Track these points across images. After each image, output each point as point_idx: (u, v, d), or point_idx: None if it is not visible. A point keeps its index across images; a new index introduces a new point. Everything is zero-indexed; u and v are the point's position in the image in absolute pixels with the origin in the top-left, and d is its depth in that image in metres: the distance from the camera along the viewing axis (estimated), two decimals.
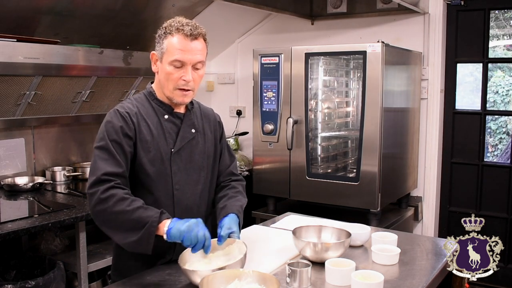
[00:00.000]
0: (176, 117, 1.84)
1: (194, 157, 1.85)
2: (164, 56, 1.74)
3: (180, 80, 1.73)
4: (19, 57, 2.59)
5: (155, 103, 1.82)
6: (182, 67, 1.73)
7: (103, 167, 1.64)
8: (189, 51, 1.73)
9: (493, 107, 3.89)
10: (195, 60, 1.75)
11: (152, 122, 1.78)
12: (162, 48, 1.75)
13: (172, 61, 1.72)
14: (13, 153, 3.17)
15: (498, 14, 3.69)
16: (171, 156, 1.79)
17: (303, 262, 1.60)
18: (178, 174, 1.80)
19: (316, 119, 3.38)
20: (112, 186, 1.62)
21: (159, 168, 1.76)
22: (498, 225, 3.60)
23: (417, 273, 1.71)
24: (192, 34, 1.74)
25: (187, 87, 1.75)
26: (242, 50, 4.40)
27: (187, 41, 1.73)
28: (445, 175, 3.77)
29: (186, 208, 1.81)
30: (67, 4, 2.89)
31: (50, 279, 2.51)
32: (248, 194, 3.59)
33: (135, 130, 1.73)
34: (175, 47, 1.72)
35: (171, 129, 1.81)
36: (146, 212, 1.60)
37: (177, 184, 1.79)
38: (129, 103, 1.81)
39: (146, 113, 1.79)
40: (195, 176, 1.85)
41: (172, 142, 1.80)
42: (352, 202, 3.10)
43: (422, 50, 3.64)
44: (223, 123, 2.11)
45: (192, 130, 1.86)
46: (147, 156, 1.74)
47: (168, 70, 1.74)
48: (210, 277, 1.46)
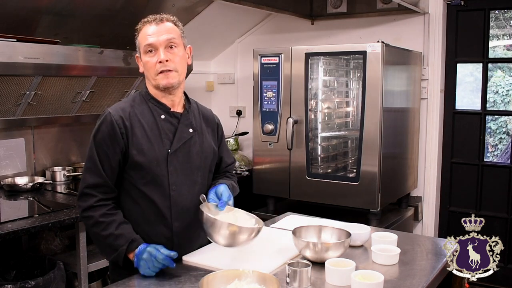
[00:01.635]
0: (173, 117, 1.83)
1: (192, 157, 1.84)
2: (140, 51, 1.79)
3: (157, 64, 1.75)
4: (19, 57, 2.59)
5: (151, 103, 1.82)
6: (156, 51, 1.75)
7: (87, 179, 1.74)
8: (156, 33, 1.75)
9: (493, 107, 3.89)
10: (164, 39, 1.75)
11: (148, 122, 1.78)
12: (138, 46, 1.81)
13: (144, 49, 1.76)
14: (13, 153, 3.17)
15: (498, 14, 3.69)
16: (167, 157, 1.78)
17: (303, 262, 1.60)
18: (175, 175, 1.79)
19: (316, 119, 3.38)
20: (90, 206, 1.72)
21: (155, 170, 1.76)
22: (498, 225, 3.60)
23: (417, 273, 1.71)
24: (156, 19, 1.78)
25: (166, 68, 1.75)
26: (242, 50, 4.40)
27: (152, 26, 1.77)
28: (445, 175, 3.77)
29: (183, 209, 1.81)
30: (67, 4, 2.89)
31: (50, 279, 2.51)
32: (248, 194, 3.61)
33: (127, 135, 1.74)
34: (144, 36, 1.77)
35: (168, 129, 1.80)
36: (116, 241, 1.70)
37: (173, 185, 1.79)
38: (125, 104, 1.81)
39: (142, 113, 1.79)
40: (192, 176, 1.85)
41: (169, 142, 1.79)
42: (352, 202, 3.10)
43: (422, 50, 3.64)
44: (223, 123, 2.12)
45: (190, 129, 1.85)
46: (142, 159, 1.74)
47: (145, 60, 1.77)
48: (210, 277, 1.46)
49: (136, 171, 1.76)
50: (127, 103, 1.82)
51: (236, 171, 3.77)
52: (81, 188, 1.75)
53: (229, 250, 1.83)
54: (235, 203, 1.89)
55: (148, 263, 1.65)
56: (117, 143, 1.72)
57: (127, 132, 1.73)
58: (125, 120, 1.74)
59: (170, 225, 1.79)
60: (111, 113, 1.75)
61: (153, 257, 1.64)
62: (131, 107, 1.79)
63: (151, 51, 1.75)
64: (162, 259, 1.64)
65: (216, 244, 1.73)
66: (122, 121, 1.74)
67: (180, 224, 1.81)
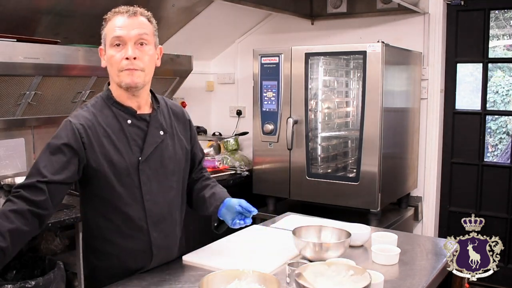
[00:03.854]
0: (141, 120, 1.67)
1: (164, 162, 1.70)
2: (106, 42, 1.62)
3: (123, 60, 1.58)
4: (19, 57, 2.59)
5: (115, 107, 1.65)
6: (124, 46, 1.58)
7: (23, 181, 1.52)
8: (127, 26, 1.58)
9: (493, 107, 3.89)
10: (134, 34, 1.58)
11: (113, 130, 1.62)
12: (103, 36, 1.64)
13: (111, 41, 1.59)
14: (13, 153, 3.17)
15: (498, 14, 3.69)
16: (138, 165, 1.63)
17: (303, 262, 1.60)
18: (148, 184, 1.65)
19: (316, 119, 3.38)
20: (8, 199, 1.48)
21: (126, 181, 1.61)
22: (498, 225, 3.60)
23: (417, 273, 1.71)
24: (128, 11, 1.61)
25: (132, 66, 1.58)
26: (242, 50, 4.40)
27: (124, 18, 1.60)
28: (445, 175, 3.77)
29: (159, 218, 1.69)
30: (67, 4, 2.89)
31: (50, 279, 2.51)
32: (248, 194, 3.60)
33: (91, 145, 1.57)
34: (113, 27, 1.59)
35: (136, 135, 1.65)
36: None
37: (147, 195, 1.65)
38: (86, 111, 1.63)
39: (105, 121, 1.62)
40: (166, 182, 1.71)
41: (138, 149, 1.64)
42: (352, 202, 3.10)
43: (422, 50, 3.64)
44: (223, 123, 2.08)
45: (161, 132, 1.70)
46: (111, 170, 1.59)
47: (110, 53, 1.59)
48: (210, 277, 1.46)
49: (104, 184, 1.60)
50: (88, 110, 1.64)
51: (236, 171, 3.77)
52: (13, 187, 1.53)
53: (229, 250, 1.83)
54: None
55: None
56: (75, 154, 1.55)
57: (91, 143, 1.57)
58: (87, 129, 1.58)
59: (148, 237, 1.67)
60: (71, 122, 1.58)
61: None
62: (93, 115, 1.62)
63: (118, 45, 1.58)
64: None
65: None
66: (84, 130, 1.57)
67: (158, 234, 1.69)
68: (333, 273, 1.50)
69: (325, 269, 1.51)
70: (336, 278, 1.49)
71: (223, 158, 3.89)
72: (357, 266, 1.52)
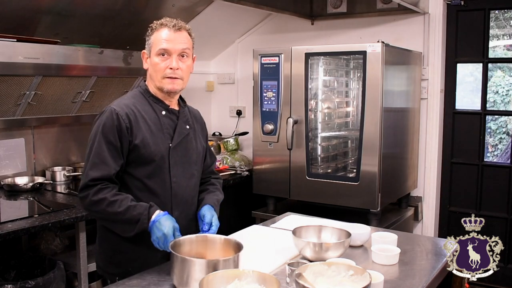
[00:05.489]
0: (172, 113, 1.91)
1: (189, 152, 1.94)
2: (151, 49, 1.84)
3: (167, 69, 1.82)
4: (19, 57, 2.59)
5: (151, 100, 1.89)
6: (168, 56, 1.82)
7: (91, 173, 1.76)
8: (173, 40, 1.82)
9: (493, 107, 3.89)
10: (179, 48, 1.83)
11: (150, 118, 1.85)
12: (149, 44, 1.86)
13: (158, 51, 1.81)
14: (13, 153, 3.17)
15: (498, 14, 3.69)
16: (169, 151, 1.86)
17: (303, 262, 1.60)
18: (175, 167, 1.87)
19: (316, 119, 3.38)
20: (99, 188, 1.74)
21: (158, 163, 1.83)
22: (498, 225, 3.60)
23: (417, 273, 1.71)
24: (175, 26, 1.83)
25: (174, 75, 1.83)
26: (242, 50, 4.40)
27: (170, 32, 1.82)
28: (445, 175, 3.77)
29: (182, 199, 1.90)
30: (67, 4, 2.89)
31: (50, 279, 2.51)
32: (248, 194, 3.60)
33: (131, 129, 1.79)
34: (160, 39, 1.82)
35: (169, 125, 1.89)
36: (136, 210, 1.72)
37: (174, 177, 1.87)
38: (127, 100, 1.87)
39: (144, 109, 1.86)
40: (190, 169, 1.94)
41: (170, 137, 1.87)
42: (352, 202, 3.10)
43: (422, 50, 3.64)
44: (223, 123, 2.16)
45: (187, 126, 1.95)
46: (147, 152, 1.80)
47: (155, 61, 1.83)
48: (210, 277, 1.46)
49: (139, 164, 1.82)
50: (129, 99, 1.87)
51: (236, 171, 3.77)
52: (86, 181, 1.76)
53: None
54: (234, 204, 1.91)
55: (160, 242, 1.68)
56: (124, 137, 1.78)
57: (132, 127, 1.79)
58: (129, 114, 1.80)
59: (171, 214, 1.81)
60: (115, 108, 1.80)
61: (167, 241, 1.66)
62: (133, 103, 1.85)
63: (163, 54, 1.82)
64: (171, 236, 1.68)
65: None
66: (127, 115, 1.79)
67: (179, 213, 1.88)
68: (333, 273, 1.50)
69: (325, 269, 1.51)
70: (336, 278, 1.49)
71: (223, 158, 3.89)
72: (357, 266, 1.52)
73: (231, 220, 3.28)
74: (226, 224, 2.13)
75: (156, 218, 1.71)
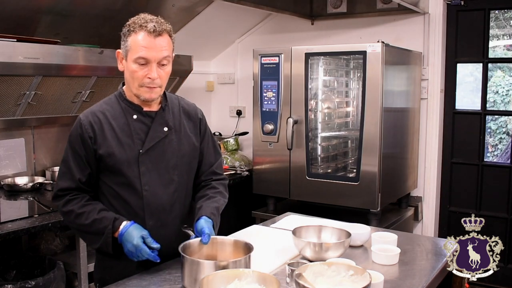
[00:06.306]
0: (146, 116, 1.80)
1: (167, 156, 1.81)
2: (128, 54, 1.71)
3: (145, 78, 1.71)
4: (19, 57, 2.59)
5: (124, 104, 1.80)
6: (147, 64, 1.70)
7: (60, 183, 1.79)
8: (153, 48, 1.69)
9: (493, 107, 3.89)
10: (159, 56, 1.70)
11: (119, 124, 1.77)
12: (126, 46, 1.72)
13: (136, 59, 1.69)
14: (13, 153, 3.17)
15: (498, 14, 3.69)
16: (138, 157, 1.76)
17: (303, 262, 1.60)
18: (147, 175, 1.77)
19: (316, 119, 3.38)
20: (68, 200, 1.76)
21: (127, 171, 1.75)
22: (498, 225, 3.60)
23: (417, 273, 1.71)
24: (155, 31, 1.69)
25: (153, 85, 1.72)
26: (242, 50, 4.40)
27: (150, 38, 1.68)
28: (445, 175, 3.77)
29: (157, 208, 1.79)
30: (67, 4, 2.89)
31: (50, 279, 2.51)
32: (248, 194, 3.60)
33: (95, 138, 1.74)
34: (139, 45, 1.68)
35: (140, 129, 1.78)
36: (101, 223, 1.72)
37: (146, 185, 1.77)
38: (98, 107, 1.82)
39: (114, 115, 1.78)
40: (167, 175, 1.81)
41: (140, 142, 1.77)
42: (352, 202, 3.10)
43: (422, 50, 3.64)
44: (223, 123, 2.11)
45: (165, 128, 1.81)
46: (112, 161, 1.74)
47: (132, 68, 1.71)
48: (210, 277, 1.46)
49: (108, 173, 1.77)
50: (101, 105, 1.81)
51: (236, 171, 3.77)
52: (55, 192, 1.79)
53: None
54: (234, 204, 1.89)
55: (133, 254, 1.68)
56: (87, 146, 1.75)
57: (95, 136, 1.74)
58: (93, 123, 1.75)
59: (143, 225, 1.76)
60: (81, 118, 1.78)
61: (139, 251, 1.66)
62: (102, 110, 1.78)
63: (142, 63, 1.70)
64: (148, 254, 1.66)
65: None
66: (90, 124, 1.75)
67: (154, 222, 1.78)
68: (333, 273, 1.50)
69: (325, 269, 1.51)
70: (336, 278, 1.49)
71: (223, 158, 3.88)
72: (357, 266, 1.52)
73: (231, 220, 3.28)
74: (226, 224, 2.13)
75: (123, 230, 1.69)
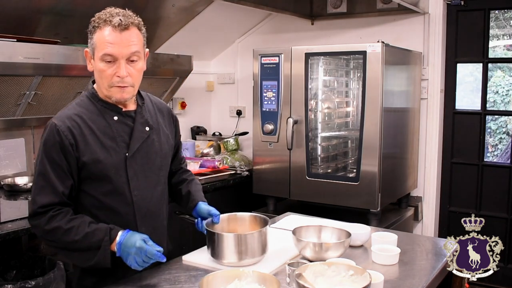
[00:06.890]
0: (126, 117, 1.68)
1: (151, 157, 1.72)
2: (95, 51, 1.60)
3: (114, 77, 1.58)
4: (19, 57, 2.59)
5: (100, 105, 1.65)
6: (115, 61, 1.57)
7: (39, 199, 1.57)
8: (119, 43, 1.55)
9: (493, 107, 3.89)
10: (127, 52, 1.57)
11: (99, 126, 1.62)
12: (92, 44, 1.61)
13: (102, 56, 1.57)
14: (13, 153, 3.17)
15: (498, 14, 3.69)
16: (125, 161, 1.64)
17: (303, 262, 1.60)
18: (135, 178, 1.66)
19: (316, 119, 3.38)
20: (51, 216, 1.56)
21: (114, 178, 1.62)
22: (498, 225, 3.60)
23: (417, 273, 1.71)
24: (121, 25, 1.56)
25: (123, 84, 1.59)
26: (242, 50, 4.40)
27: (116, 33, 1.56)
28: (445, 175, 3.77)
29: (147, 213, 1.71)
30: (67, 4, 2.89)
31: (50, 279, 2.51)
32: (248, 194, 3.60)
33: (76, 145, 1.58)
34: (104, 41, 1.56)
35: (123, 131, 1.66)
36: (95, 236, 1.56)
37: (135, 190, 1.66)
38: (71, 110, 1.65)
39: (91, 117, 1.63)
40: (154, 177, 1.73)
41: (125, 145, 1.65)
42: (352, 202, 3.10)
43: (422, 50, 3.64)
44: (223, 123, 2.10)
45: (146, 128, 1.71)
46: (99, 168, 1.60)
47: (100, 66, 1.58)
48: (210, 277, 1.46)
49: (93, 181, 1.62)
50: (73, 108, 1.65)
51: (236, 171, 3.77)
52: (34, 209, 1.57)
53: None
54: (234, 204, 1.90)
55: (137, 258, 1.53)
56: (69, 155, 1.57)
57: (76, 142, 1.58)
58: (72, 128, 1.59)
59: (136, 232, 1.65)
60: (55, 123, 1.59)
61: (143, 253, 1.53)
62: (78, 113, 1.63)
63: (109, 60, 1.58)
64: (154, 255, 1.54)
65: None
66: (69, 130, 1.58)
67: (146, 228, 1.70)
68: (333, 273, 1.50)
69: (325, 269, 1.51)
70: (336, 278, 1.49)
71: (223, 158, 3.88)
72: (357, 266, 1.52)
73: None
74: None
75: (121, 239, 1.55)
